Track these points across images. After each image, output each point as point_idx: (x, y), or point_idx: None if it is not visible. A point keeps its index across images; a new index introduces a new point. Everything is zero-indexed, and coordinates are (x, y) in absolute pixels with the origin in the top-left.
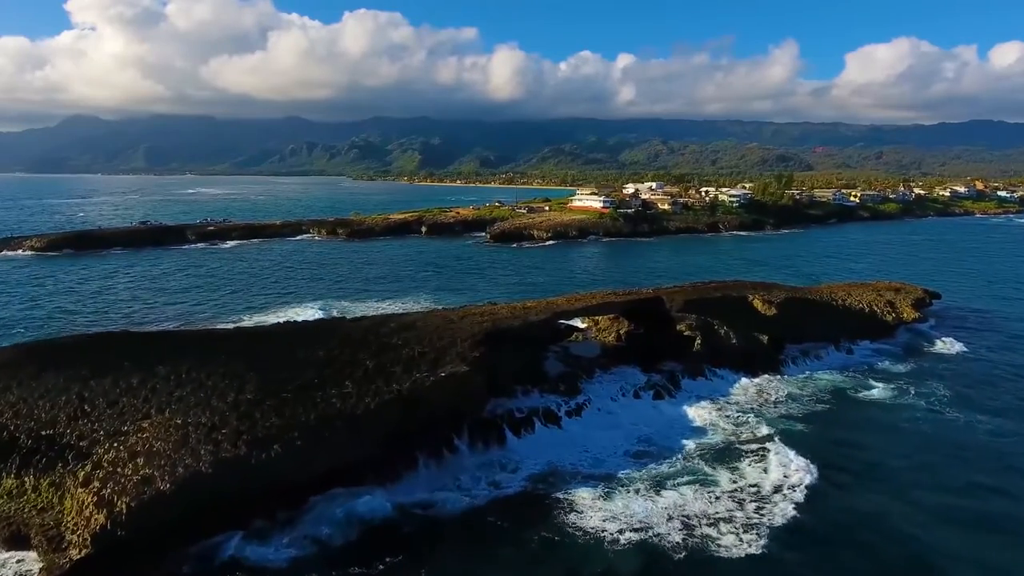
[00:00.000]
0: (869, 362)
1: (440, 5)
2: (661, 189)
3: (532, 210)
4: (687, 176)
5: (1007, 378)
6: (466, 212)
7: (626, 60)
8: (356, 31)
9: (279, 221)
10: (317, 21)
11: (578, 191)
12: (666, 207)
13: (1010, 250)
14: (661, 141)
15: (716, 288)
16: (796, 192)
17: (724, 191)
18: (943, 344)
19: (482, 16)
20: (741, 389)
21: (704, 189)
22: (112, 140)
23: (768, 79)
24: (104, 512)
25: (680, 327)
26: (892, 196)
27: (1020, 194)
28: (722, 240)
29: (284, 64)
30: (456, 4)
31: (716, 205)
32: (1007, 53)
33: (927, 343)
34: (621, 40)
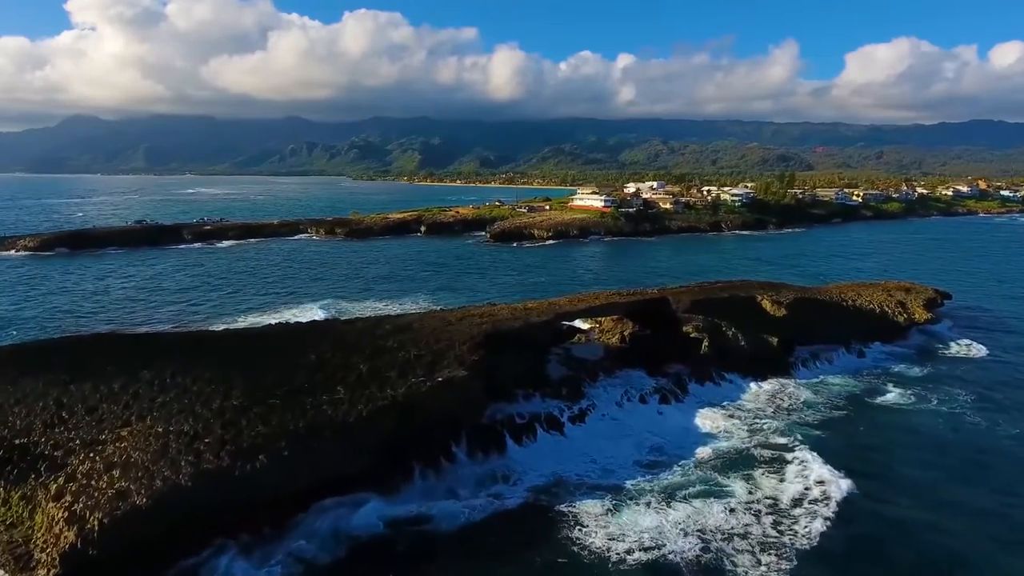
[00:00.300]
0: (883, 365)
1: (440, 5)
2: (662, 188)
3: (532, 209)
4: (688, 176)
5: None
6: (466, 211)
7: (626, 60)
8: (356, 31)
9: (276, 220)
10: (317, 21)
11: (579, 190)
12: (668, 206)
13: (1016, 249)
14: (661, 141)
15: (723, 288)
16: (798, 191)
17: (726, 190)
18: (959, 347)
19: (482, 16)
20: (752, 394)
21: (706, 188)
22: (112, 140)
23: (768, 79)
24: (75, 529)
25: (687, 328)
26: (895, 196)
27: (1023, 193)
28: (725, 239)
29: (284, 64)
30: (456, 4)
31: (719, 204)
32: (1007, 53)
33: (941, 345)
34: (621, 40)
